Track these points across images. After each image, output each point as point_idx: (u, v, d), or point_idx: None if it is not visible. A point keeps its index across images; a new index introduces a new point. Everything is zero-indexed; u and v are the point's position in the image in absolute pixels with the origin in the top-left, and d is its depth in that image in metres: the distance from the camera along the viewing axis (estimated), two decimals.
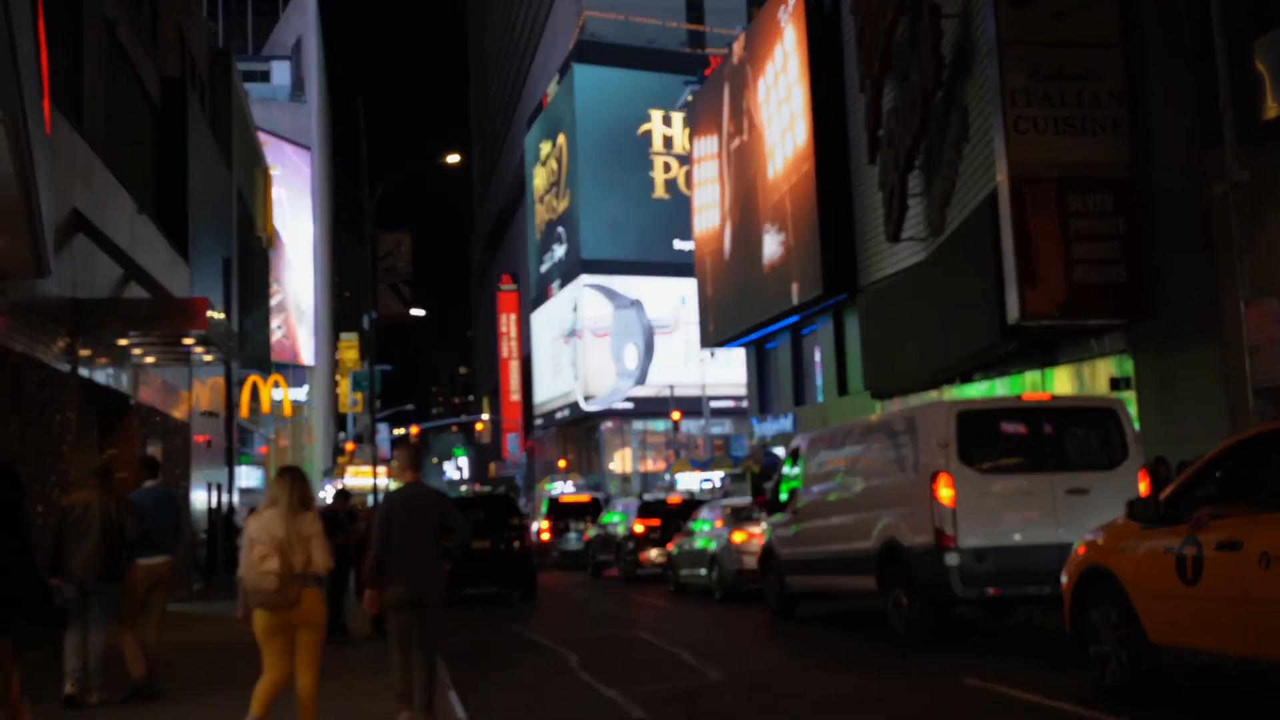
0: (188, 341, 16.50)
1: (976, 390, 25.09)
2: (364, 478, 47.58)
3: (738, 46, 42.98)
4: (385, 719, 7.99)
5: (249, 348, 31.25)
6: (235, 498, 29.09)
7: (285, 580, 6.94)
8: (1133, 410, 17.01)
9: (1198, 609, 7.21)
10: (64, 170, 13.48)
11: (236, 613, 7.27)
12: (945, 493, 11.29)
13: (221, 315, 19.59)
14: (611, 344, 77.03)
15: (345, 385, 74.01)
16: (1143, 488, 11.30)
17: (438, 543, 8.12)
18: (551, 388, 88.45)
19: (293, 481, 7.30)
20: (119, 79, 18.42)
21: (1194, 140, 17.48)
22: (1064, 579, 8.83)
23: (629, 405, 76.26)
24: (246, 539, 7.12)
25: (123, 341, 15.92)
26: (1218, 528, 7.12)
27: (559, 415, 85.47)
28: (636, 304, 76.85)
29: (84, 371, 14.79)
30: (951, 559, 11.14)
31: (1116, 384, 19.95)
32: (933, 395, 26.63)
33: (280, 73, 78.76)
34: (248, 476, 33.80)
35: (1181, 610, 7.37)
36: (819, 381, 38.56)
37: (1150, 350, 19.33)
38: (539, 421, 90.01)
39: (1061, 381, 22.21)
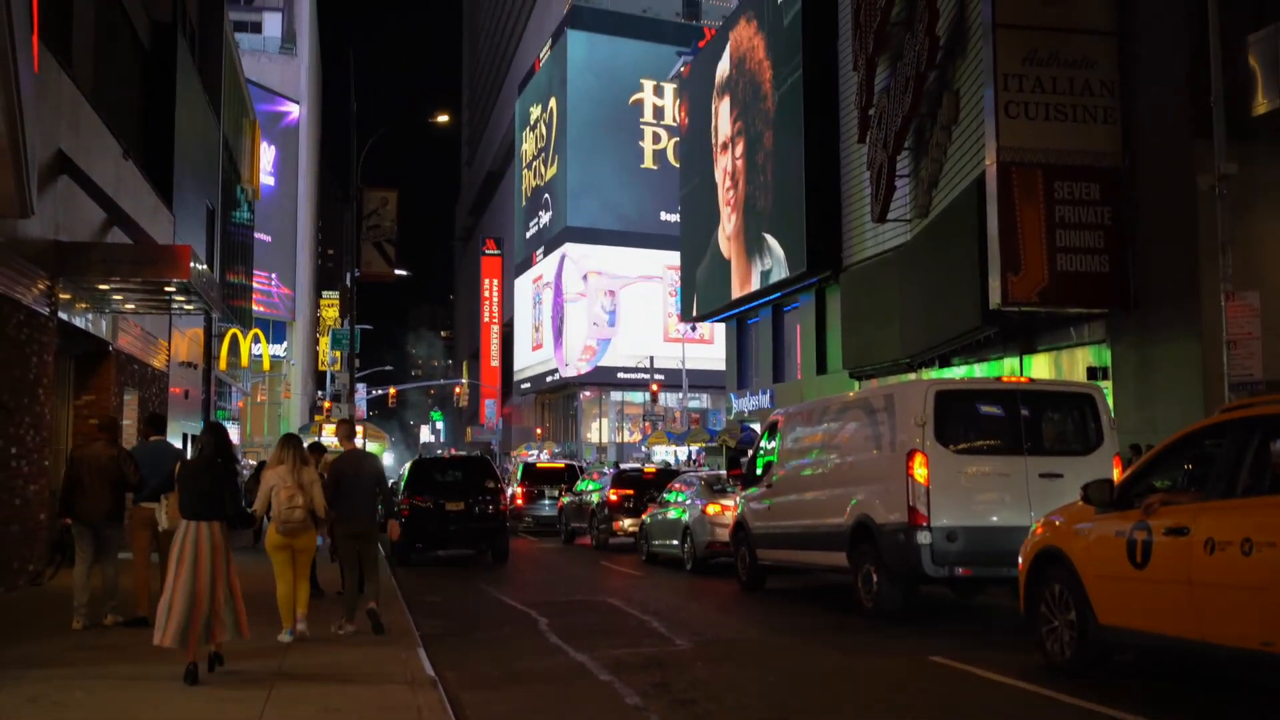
0: (169, 290, 16.40)
1: (955, 374, 25.20)
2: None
3: (736, 23, 42.80)
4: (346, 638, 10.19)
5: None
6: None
7: (306, 514, 9.78)
8: (1110, 400, 17.13)
9: (1145, 591, 7.39)
10: (50, 110, 13.36)
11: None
12: (920, 471, 11.35)
13: (204, 266, 19.47)
14: (585, 312, 76.96)
15: (325, 343, 73.71)
16: (1116, 474, 11.39)
17: (372, 495, 10.69)
18: (530, 355, 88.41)
19: (295, 446, 10.06)
20: (110, 21, 18.23)
21: (1184, 132, 17.55)
22: (1020, 559, 8.98)
23: (596, 372, 76.12)
24: (270, 486, 9.79)
25: (103, 286, 15.81)
26: (1167, 513, 7.29)
27: (548, 380, 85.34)
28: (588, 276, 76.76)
29: (63, 315, 14.70)
30: (923, 537, 11.22)
31: (1094, 373, 20.08)
32: (911, 377, 26.73)
33: (271, 24, 78.02)
34: None
35: (1130, 592, 7.55)
36: (798, 359, 38.67)
37: (1129, 340, 19.45)
38: (526, 385, 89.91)
39: (1040, 368, 22.34)
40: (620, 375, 74.29)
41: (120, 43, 19.38)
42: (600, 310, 77.03)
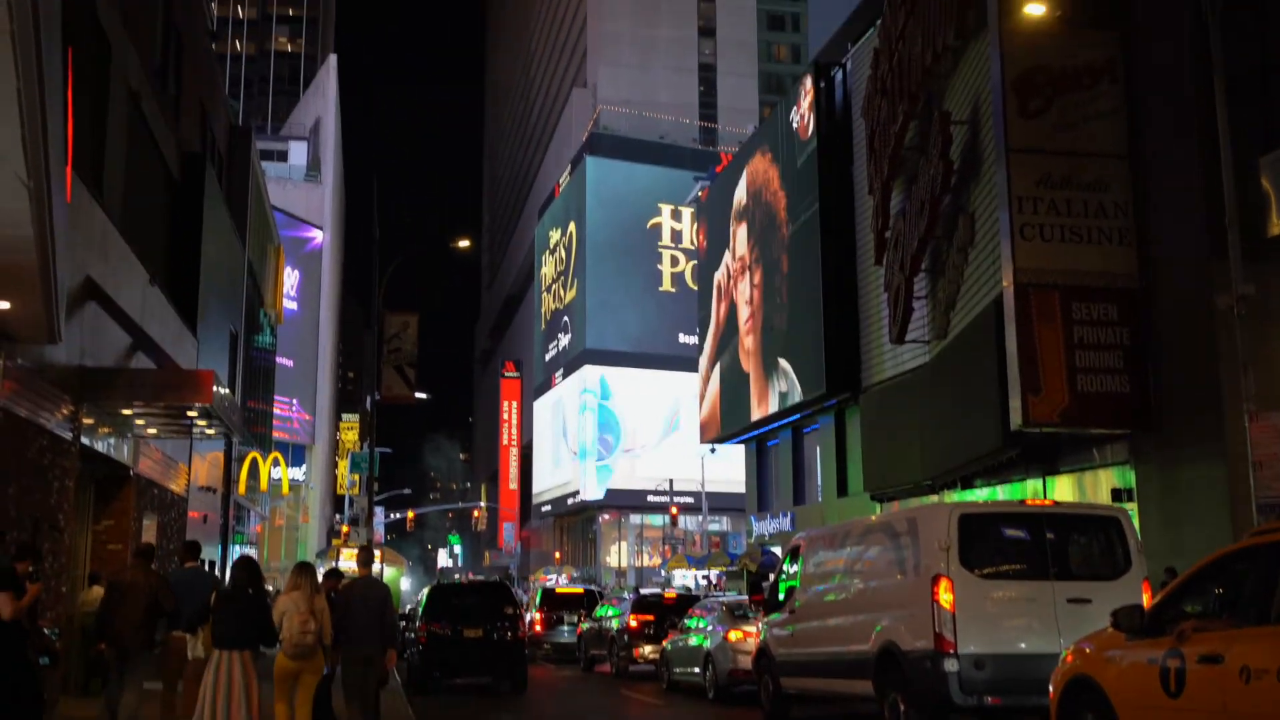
0: (191, 414, 16.50)
1: (977, 496, 24.97)
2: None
3: (752, 155, 43.56)
4: None
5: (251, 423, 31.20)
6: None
7: (316, 640, 9.96)
8: (1135, 522, 16.91)
9: None
10: (81, 238, 13.61)
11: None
12: (946, 597, 11.17)
13: (226, 390, 19.60)
14: (599, 434, 76.95)
15: (344, 466, 73.79)
16: (1146, 600, 11.19)
17: (381, 621, 10.97)
18: (551, 477, 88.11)
19: (309, 574, 10.35)
20: (140, 151, 18.67)
21: (1200, 253, 17.63)
22: (1051, 688, 8.78)
23: (613, 495, 75.75)
24: (283, 612, 9.92)
25: (126, 411, 15.91)
26: (1200, 640, 7.13)
27: (569, 503, 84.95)
28: (611, 395, 76.98)
29: (85, 440, 14.76)
30: (950, 665, 10.99)
31: (1118, 495, 19.86)
32: (933, 499, 26.50)
33: (297, 152, 79.88)
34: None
35: None
36: (819, 481, 38.42)
37: (1153, 462, 19.27)
38: (546, 508, 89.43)
39: (1063, 490, 22.12)
40: (641, 498, 73.90)
41: (150, 172, 19.83)
42: (619, 432, 76.98)
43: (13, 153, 7.74)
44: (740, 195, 44.01)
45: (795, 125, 37.48)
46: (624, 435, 77.37)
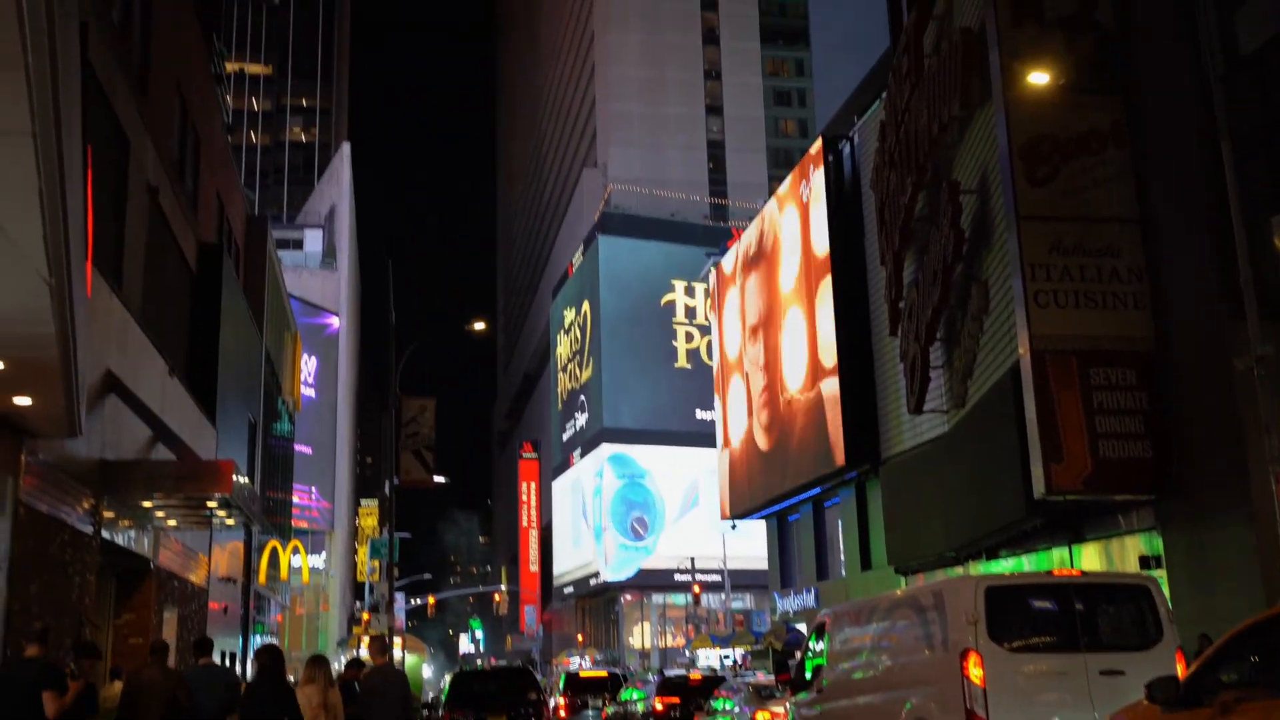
0: (211, 504, 16.49)
1: (1003, 567, 24.69)
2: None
3: (760, 218, 43.86)
4: None
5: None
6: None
7: None
8: (1165, 589, 16.68)
9: None
10: (100, 332, 13.72)
11: None
12: (975, 672, 10.99)
13: (245, 479, 19.62)
14: (627, 514, 76.55)
15: (364, 553, 73.48)
16: (1180, 670, 10.99)
17: (402, 710, 11.19)
18: (572, 558, 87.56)
19: (324, 668, 10.69)
20: (158, 243, 18.89)
21: (1215, 315, 17.57)
22: None
23: (639, 575, 75.25)
24: (301, 704, 10.10)
25: (147, 503, 15.92)
26: (1245, 711, 6.93)
27: (591, 584, 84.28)
28: (647, 474, 76.67)
29: (106, 533, 14.76)
30: None
31: (1146, 562, 19.60)
32: (958, 571, 26.21)
33: (313, 240, 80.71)
34: None
35: None
36: (842, 555, 38.07)
37: (1180, 526, 19.04)
38: (568, 590, 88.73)
39: (1090, 558, 21.86)
40: (664, 577, 73.30)
41: (168, 264, 20.04)
42: (639, 511, 76.61)
43: (34, 251, 7.83)
44: (750, 266, 44.20)
45: (805, 198, 37.75)
46: (656, 514, 76.93)
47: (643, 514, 77.04)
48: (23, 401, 10.56)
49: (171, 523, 17.87)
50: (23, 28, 5.97)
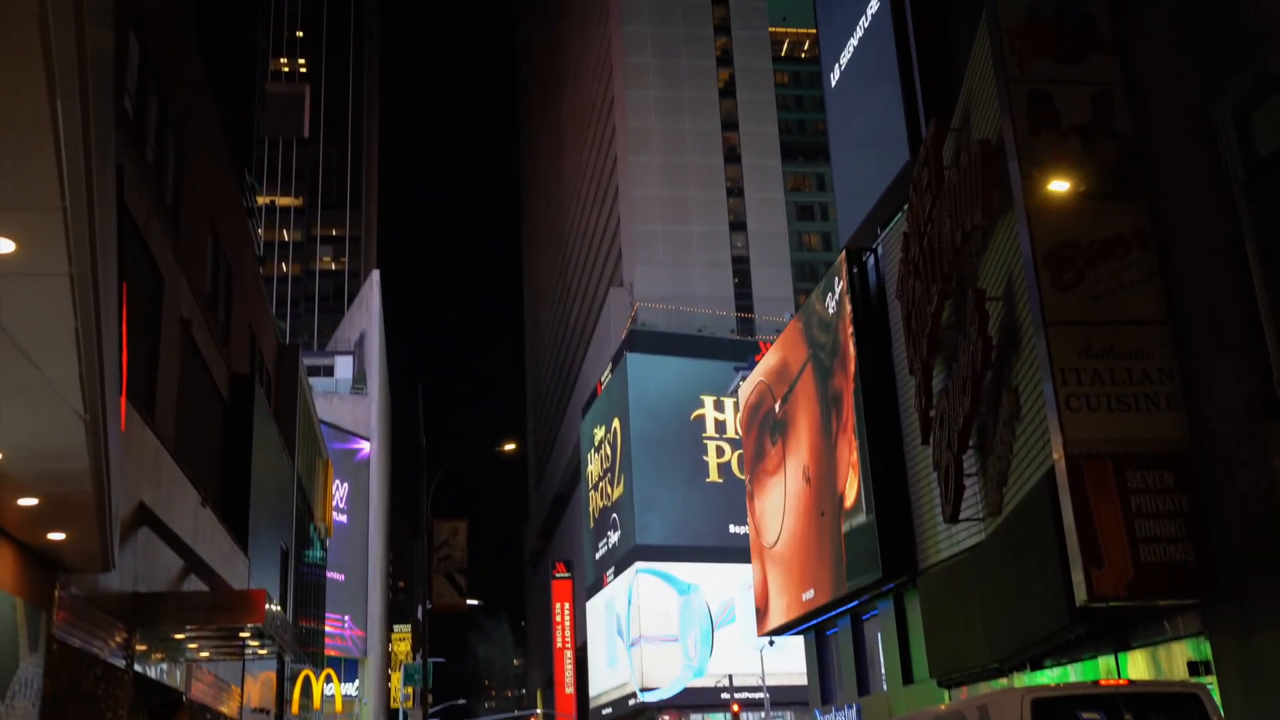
0: (244, 635, 16.41)
1: (1048, 677, 24.12)
2: None
3: (788, 331, 44.04)
4: None
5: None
6: None
7: None
8: (1216, 696, 16.24)
9: None
10: (134, 465, 13.83)
11: None
12: None
13: (278, 608, 19.52)
14: (672, 632, 75.50)
15: (397, 679, 72.63)
16: None
17: None
18: (607, 679, 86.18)
19: None
20: (191, 375, 19.13)
21: (1251, 414, 17.40)
22: None
23: (682, 694, 73.95)
24: None
25: (179, 635, 15.86)
26: None
27: (630, 704, 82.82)
28: (695, 588, 75.81)
29: (139, 667, 14.68)
30: None
31: (1195, 669, 19.10)
32: (1002, 683, 25.61)
33: (343, 366, 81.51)
34: None
35: None
36: (882, 669, 37.31)
37: (1228, 631, 18.59)
38: (607, 711, 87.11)
39: (1137, 666, 21.33)
40: (707, 695, 71.98)
41: (200, 395, 20.26)
42: (675, 629, 75.57)
43: (70, 390, 7.94)
44: (778, 379, 44.25)
45: (831, 311, 37.94)
46: (712, 630, 75.82)
47: (694, 628, 76.01)
48: (57, 537, 10.61)
49: (204, 654, 17.77)
50: (61, 173, 6.15)
